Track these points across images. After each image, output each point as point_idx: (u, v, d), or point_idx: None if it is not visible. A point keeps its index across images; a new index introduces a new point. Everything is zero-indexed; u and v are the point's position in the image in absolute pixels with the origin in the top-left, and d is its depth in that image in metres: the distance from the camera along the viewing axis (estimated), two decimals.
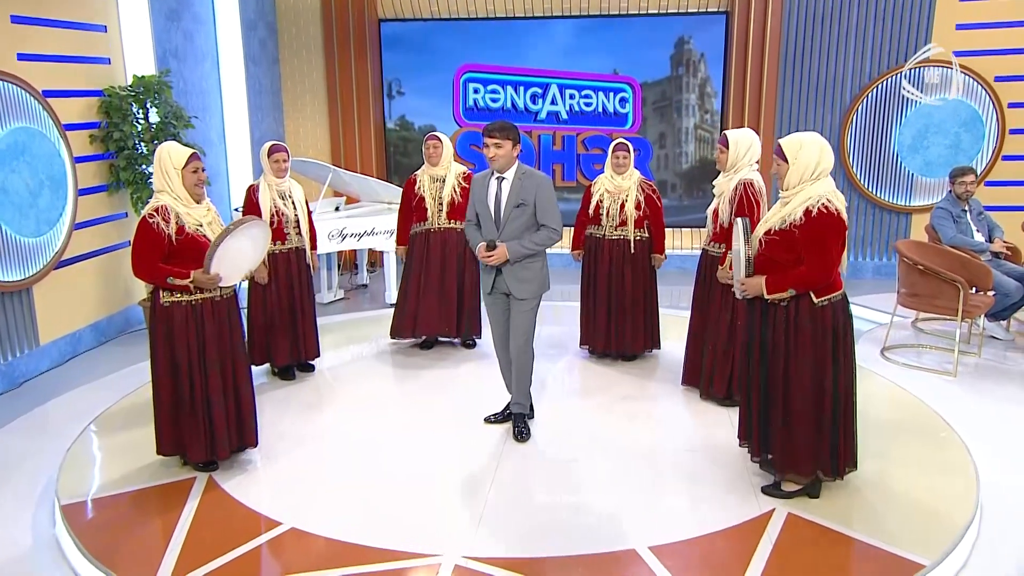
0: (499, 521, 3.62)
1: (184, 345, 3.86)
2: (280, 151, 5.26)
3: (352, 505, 3.81)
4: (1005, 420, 4.84)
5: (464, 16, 9.12)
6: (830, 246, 3.43)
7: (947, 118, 8.29)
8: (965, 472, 4.04)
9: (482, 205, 4.40)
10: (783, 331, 3.55)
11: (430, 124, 9.39)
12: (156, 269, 3.79)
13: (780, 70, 8.48)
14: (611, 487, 3.95)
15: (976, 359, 5.88)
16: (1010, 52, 8.10)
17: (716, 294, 4.78)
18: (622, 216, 5.50)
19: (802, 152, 3.45)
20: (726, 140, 4.69)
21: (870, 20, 8.25)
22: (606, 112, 9.15)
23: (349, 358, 6.07)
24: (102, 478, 4.12)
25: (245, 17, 8.27)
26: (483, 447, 4.41)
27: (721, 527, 3.53)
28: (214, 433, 3.98)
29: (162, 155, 3.84)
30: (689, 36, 8.87)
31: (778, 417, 3.62)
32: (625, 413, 4.90)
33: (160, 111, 6.63)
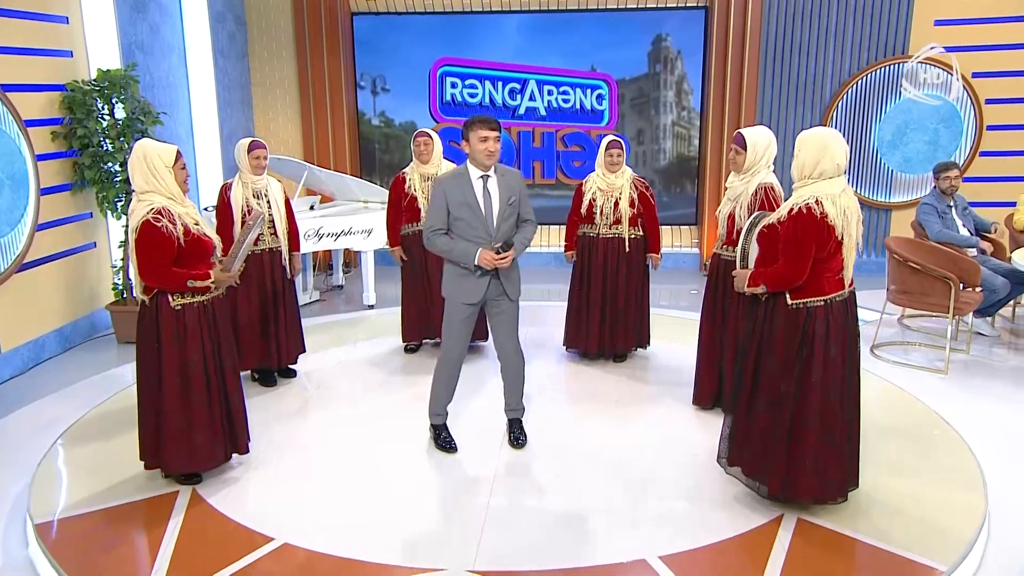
0: (502, 532, 3.50)
1: (199, 347, 3.73)
2: (260, 147, 5.08)
3: (346, 517, 3.66)
4: (1002, 418, 4.83)
5: (439, 10, 8.97)
6: (804, 247, 3.28)
7: (926, 114, 8.34)
8: (970, 472, 4.01)
9: (463, 208, 4.00)
10: (760, 328, 3.50)
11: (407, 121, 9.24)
12: (171, 274, 3.63)
13: (760, 66, 8.46)
14: (613, 495, 3.83)
15: (965, 356, 5.89)
16: (988, 48, 8.18)
17: (733, 301, 4.56)
18: (616, 214, 5.40)
19: (804, 147, 3.35)
20: (743, 140, 4.38)
21: (849, 16, 8.27)
22: (583, 109, 9.08)
23: (331, 362, 5.89)
24: (77, 494, 3.90)
25: (213, 9, 8.04)
26: (478, 455, 4.28)
27: (731, 534, 3.44)
28: (235, 430, 3.93)
29: (147, 153, 3.65)
30: (667, 33, 8.83)
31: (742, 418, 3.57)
32: (620, 417, 4.81)
33: (127, 107, 6.39)
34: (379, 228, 7.43)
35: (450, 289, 4.16)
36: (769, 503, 3.66)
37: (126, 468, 4.04)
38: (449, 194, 4.01)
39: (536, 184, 9.31)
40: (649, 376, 5.52)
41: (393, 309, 7.44)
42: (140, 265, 3.63)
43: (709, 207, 8.95)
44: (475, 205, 4.01)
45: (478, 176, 4.03)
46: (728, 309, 4.65)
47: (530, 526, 3.55)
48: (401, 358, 5.97)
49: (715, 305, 4.74)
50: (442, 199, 4.01)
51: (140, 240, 3.59)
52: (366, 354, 6.10)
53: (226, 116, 8.33)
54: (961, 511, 3.63)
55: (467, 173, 4.04)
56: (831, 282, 3.37)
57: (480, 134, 3.92)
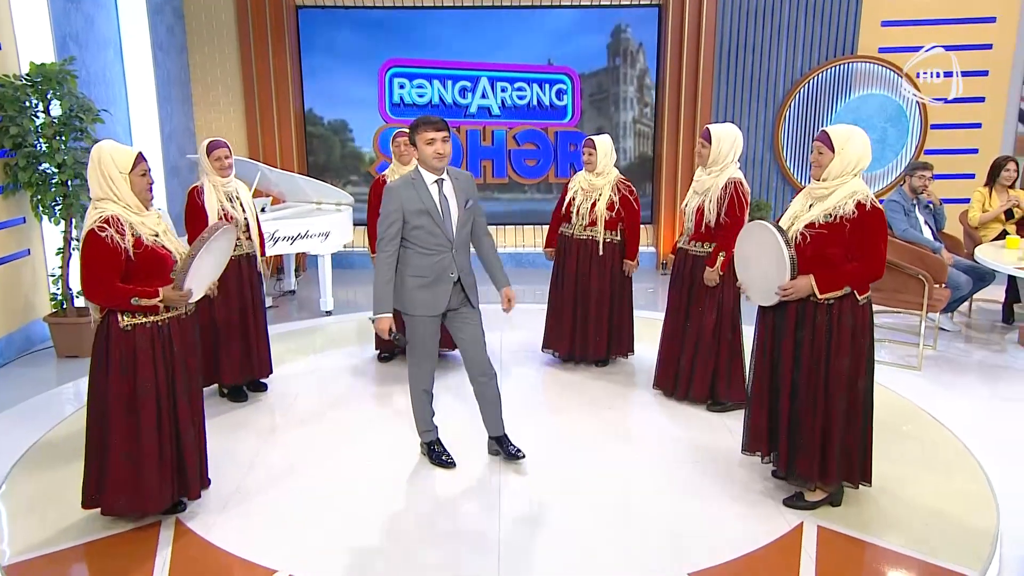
0: (521, 556, 3.29)
1: (151, 373, 3.31)
2: (220, 147, 4.72)
3: (348, 544, 3.40)
4: (985, 412, 4.91)
5: (388, 5, 8.68)
6: (881, 242, 3.36)
7: (874, 113, 8.50)
8: (971, 469, 4.03)
9: (422, 216, 3.72)
10: (824, 331, 3.39)
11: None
12: (115, 289, 3.22)
13: (716, 64, 8.48)
14: (625, 509, 3.68)
15: (933, 352, 5.98)
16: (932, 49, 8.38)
17: (700, 294, 4.62)
18: (592, 215, 5.26)
19: (849, 144, 3.31)
20: (708, 135, 4.50)
21: (801, 15, 8.35)
22: (542, 105, 8.91)
23: (299, 374, 5.57)
24: (47, 530, 3.51)
25: (151, 1, 7.56)
26: (473, 474, 4.05)
27: (755, 546, 3.33)
28: (185, 472, 3.47)
29: (102, 157, 3.26)
30: (626, 24, 8.71)
31: (814, 423, 3.45)
32: (613, 426, 4.67)
33: (64, 104, 5.92)
34: (336, 231, 7.15)
35: (409, 302, 3.86)
36: (787, 510, 3.58)
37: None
38: (405, 202, 3.73)
39: (487, 184, 9.10)
40: (630, 379, 5.40)
41: (352, 315, 7.18)
42: (82, 278, 3.23)
43: (665, 206, 8.94)
44: (434, 212, 3.75)
45: (432, 181, 3.77)
46: (693, 303, 4.68)
47: (547, 549, 3.36)
48: (374, 367, 5.71)
49: (680, 301, 4.76)
50: (397, 208, 3.72)
51: (83, 250, 3.21)
52: (336, 364, 5.81)
53: (166, 114, 7.87)
54: (972, 509, 3.62)
55: (420, 178, 3.77)
56: None
57: (426, 136, 3.67)
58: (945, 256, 6.12)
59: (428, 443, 4.15)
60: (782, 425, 3.58)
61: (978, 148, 8.64)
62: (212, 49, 8.51)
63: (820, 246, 3.37)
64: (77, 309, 6.26)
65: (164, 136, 7.76)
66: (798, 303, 3.44)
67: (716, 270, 4.51)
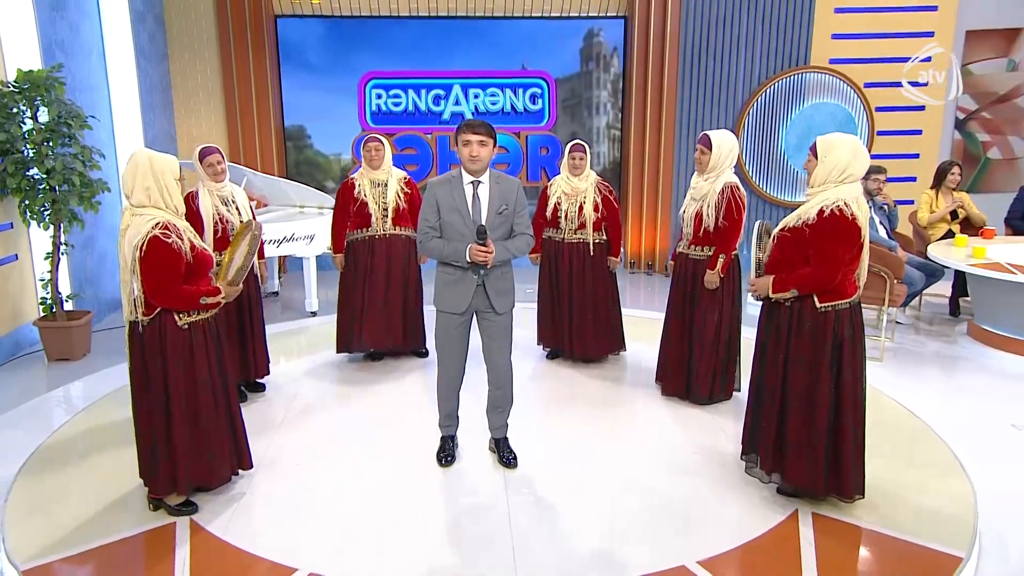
0: (535, 553, 3.22)
1: (206, 365, 3.39)
2: (212, 153, 4.59)
3: (362, 541, 3.30)
4: (947, 400, 4.99)
5: (365, 14, 8.54)
6: (837, 249, 3.22)
7: (826, 120, 8.63)
8: (944, 456, 4.09)
9: (453, 213, 3.68)
10: (784, 332, 3.38)
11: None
12: (184, 292, 3.26)
13: (679, 73, 8.51)
14: (629, 502, 3.63)
15: (892, 344, 6.08)
16: (877, 61, 8.54)
17: (702, 298, 4.55)
18: (580, 219, 5.22)
19: (832, 152, 3.28)
20: (708, 141, 4.40)
21: (758, 28, 8.43)
22: (515, 110, 8.84)
23: (293, 374, 5.44)
24: (60, 533, 3.35)
25: (134, 8, 7.31)
26: (477, 473, 3.95)
27: (757, 534, 3.32)
28: (239, 446, 3.64)
29: (154, 165, 3.21)
30: (599, 28, 8.67)
31: (775, 422, 3.45)
32: (611, 423, 4.61)
33: (53, 110, 5.68)
34: (321, 234, 7.01)
35: (438, 299, 3.85)
36: (782, 499, 3.59)
37: (104, 501, 3.57)
38: (440, 198, 3.72)
39: None
40: (625, 376, 5.37)
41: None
42: (148, 284, 3.19)
43: (631, 210, 8.95)
44: (464, 211, 3.70)
45: (469, 181, 3.72)
46: (696, 306, 4.61)
47: (559, 545, 3.29)
48: (367, 366, 5.59)
49: (683, 303, 4.70)
50: (433, 203, 3.72)
51: (148, 258, 3.15)
52: (329, 363, 5.68)
53: (149, 120, 7.62)
54: (950, 492, 3.67)
55: (459, 178, 3.73)
56: (852, 285, 3.32)
57: (463, 138, 3.63)
58: (900, 254, 6.22)
59: (442, 437, 4.10)
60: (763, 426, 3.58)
61: (919, 153, 8.84)
62: (193, 56, 8.27)
63: (784, 249, 3.38)
64: (67, 313, 6.03)
65: (147, 141, 7.50)
66: (769, 303, 3.48)
67: (716, 273, 4.44)
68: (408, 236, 5.37)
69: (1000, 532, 3.42)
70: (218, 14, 8.17)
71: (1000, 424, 4.60)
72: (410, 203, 5.37)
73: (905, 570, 3.09)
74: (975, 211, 6.97)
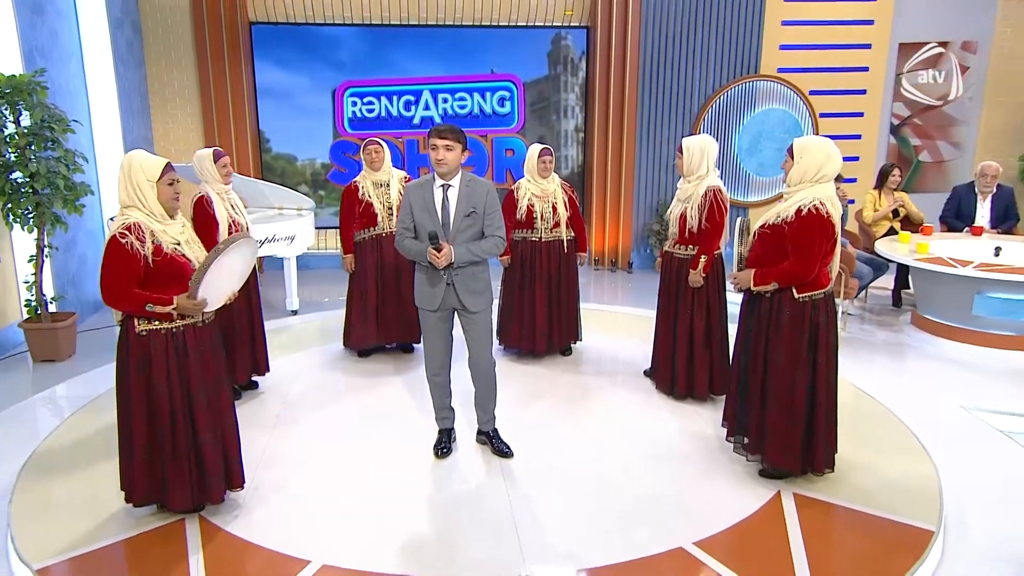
0: (540, 539, 3.23)
1: (164, 379, 3.11)
2: (224, 155, 4.50)
3: (373, 533, 3.27)
4: (901, 384, 5.13)
5: (339, 23, 8.41)
6: (815, 245, 3.32)
7: (775, 125, 8.80)
8: (906, 435, 4.22)
9: (424, 215, 3.69)
10: (765, 322, 3.47)
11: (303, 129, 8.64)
12: (131, 295, 3.03)
13: (639, 81, 8.58)
14: (622, 490, 3.64)
15: (845, 334, 6.23)
16: (821, 70, 8.75)
17: (686, 295, 4.56)
18: (555, 218, 5.23)
19: (807, 154, 3.36)
20: (681, 148, 4.46)
21: (712, 40, 8.56)
22: (484, 113, 8.80)
23: (284, 371, 5.31)
24: (70, 533, 3.24)
25: (112, 15, 7.08)
26: (474, 464, 3.93)
27: (745, 515, 3.38)
28: (205, 476, 3.26)
29: (132, 166, 3.07)
30: (566, 32, 8.66)
31: (756, 407, 3.54)
32: (593, 413, 4.62)
33: (36, 114, 5.47)
34: (301, 235, 6.89)
35: (417, 295, 3.88)
36: (764, 481, 3.66)
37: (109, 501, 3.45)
38: (412, 201, 3.74)
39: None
40: (594, 368, 5.41)
41: (318, 315, 6.95)
42: (101, 282, 3.04)
43: (596, 211, 8.99)
44: (432, 212, 3.70)
45: (439, 184, 3.71)
46: (680, 303, 4.63)
47: (561, 532, 3.29)
48: (355, 363, 5.52)
49: (669, 302, 4.70)
50: (408, 205, 3.76)
51: (104, 256, 3.03)
52: (317, 360, 5.59)
53: (128, 125, 7.39)
54: (916, 470, 3.79)
55: (431, 181, 3.74)
56: (826, 276, 3.43)
57: (431, 143, 3.64)
58: (850, 249, 6.39)
59: (439, 429, 4.07)
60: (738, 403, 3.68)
61: (859, 156, 9.08)
62: (169, 63, 8.04)
63: (764, 245, 3.47)
64: (52, 315, 5.82)
65: (127, 146, 7.28)
66: (750, 295, 3.56)
67: (699, 272, 4.46)
68: None
69: (961, 507, 3.54)
70: (194, 21, 7.96)
71: (950, 406, 4.75)
72: None
73: (883, 545, 3.18)
74: (914, 210, 7.19)
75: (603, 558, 3.07)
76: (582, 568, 3.01)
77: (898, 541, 3.18)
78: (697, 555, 3.08)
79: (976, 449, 4.17)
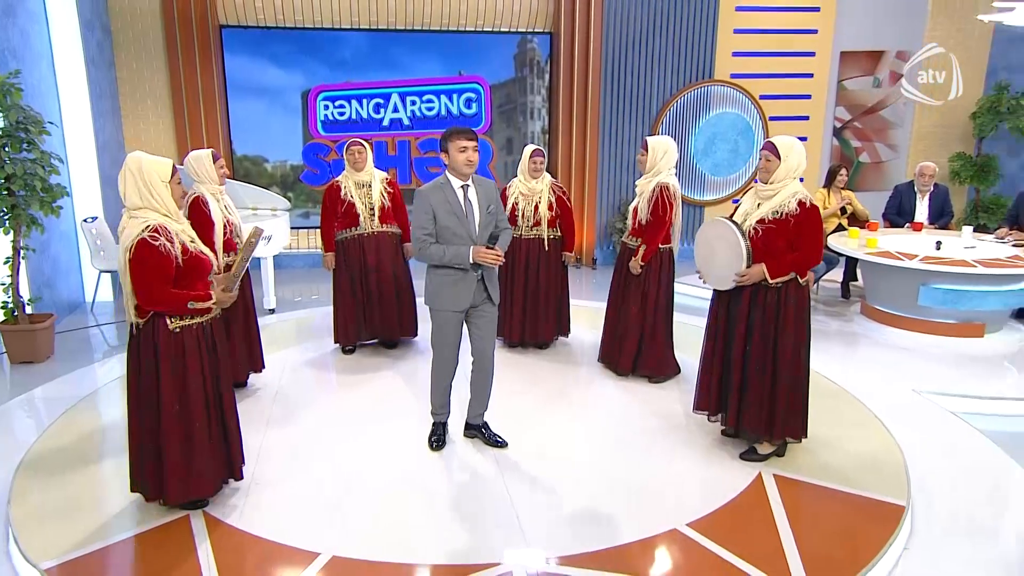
0: (538, 525, 3.24)
1: (199, 371, 3.11)
2: (220, 157, 4.41)
3: (377, 523, 3.24)
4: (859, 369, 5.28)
5: (309, 26, 8.27)
6: (819, 234, 3.57)
7: (728, 128, 8.98)
8: (869, 418, 4.36)
9: (450, 217, 3.62)
10: (773, 310, 3.56)
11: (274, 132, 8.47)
12: (171, 295, 3.00)
13: (601, 85, 8.65)
14: (611, 476, 3.68)
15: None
16: (770, 76, 8.95)
17: (631, 284, 4.78)
18: (536, 217, 5.26)
19: (792, 152, 3.49)
20: (646, 145, 4.64)
21: (669, 46, 8.67)
22: (451, 115, 8.75)
23: (272, 368, 5.17)
24: (75, 532, 3.12)
25: (82, 16, 6.82)
26: (468, 455, 3.92)
27: (730, 496, 3.45)
28: (231, 458, 3.32)
29: (143, 168, 2.99)
30: (532, 37, 8.66)
31: (763, 388, 3.62)
32: (576, 402, 4.67)
33: (12, 115, 5.25)
34: (278, 235, 6.77)
35: (437, 299, 3.75)
36: (746, 463, 3.74)
37: (109, 498, 3.38)
38: (434, 204, 3.64)
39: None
40: (573, 359, 5.45)
41: (294, 313, 6.84)
42: (137, 286, 2.97)
43: None
44: (460, 214, 3.66)
45: (459, 185, 3.68)
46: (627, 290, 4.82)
47: (557, 517, 3.31)
48: (340, 359, 5.45)
49: (617, 286, 4.92)
50: (428, 209, 3.63)
51: (136, 260, 2.94)
52: (302, 357, 5.50)
53: (100, 126, 7.14)
54: (883, 451, 3.92)
55: (449, 183, 3.68)
56: None
57: (459, 144, 3.59)
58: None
59: (434, 423, 4.03)
60: (733, 390, 3.74)
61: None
62: (140, 65, 7.79)
63: (769, 239, 3.55)
64: (29, 316, 5.61)
65: (99, 147, 7.04)
66: (751, 287, 3.61)
67: (637, 261, 4.67)
68: (394, 232, 5.34)
69: (924, 482, 3.68)
70: (165, 24, 7.73)
71: (902, 390, 4.93)
72: (393, 201, 5.31)
73: (860, 519, 3.28)
74: (860, 207, 7.41)
75: (605, 541, 3.10)
76: (587, 551, 3.03)
77: (873, 515, 3.29)
78: (692, 536, 3.13)
79: (930, 429, 4.34)
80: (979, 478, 3.79)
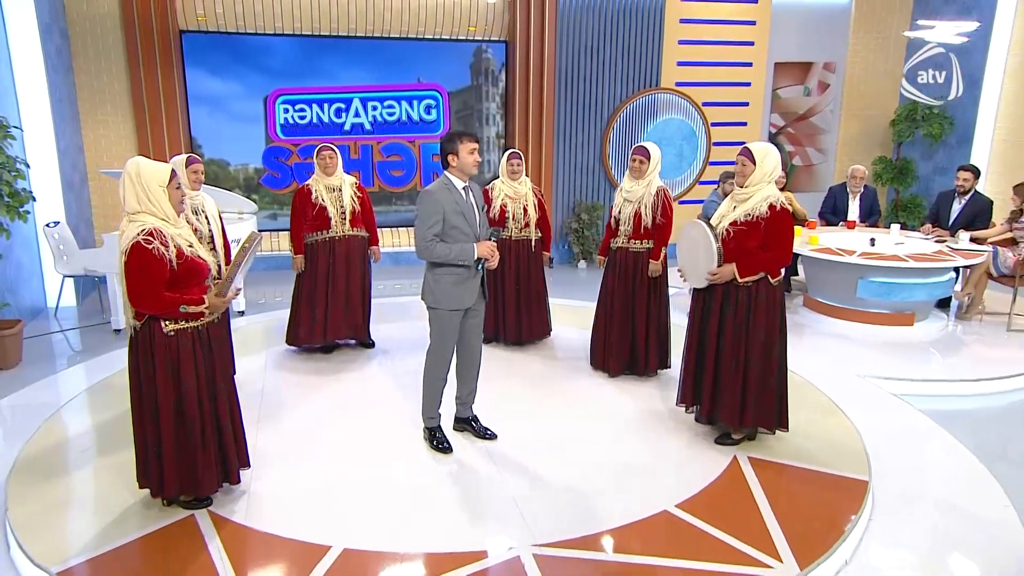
0: (537, 510, 3.30)
1: (193, 375, 3.04)
2: (197, 162, 4.29)
3: (383, 515, 3.25)
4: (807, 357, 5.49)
5: (268, 32, 8.10)
6: (790, 235, 3.66)
7: (674, 133, 9.20)
8: (825, 402, 4.57)
9: (458, 217, 3.63)
10: (744, 308, 3.67)
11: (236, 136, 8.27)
12: (164, 299, 2.92)
13: (556, 91, 8.74)
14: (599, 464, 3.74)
15: None
16: (712, 84, 9.20)
17: (643, 283, 4.78)
18: (526, 219, 5.34)
19: (768, 157, 3.60)
20: (647, 152, 4.65)
21: (619, 56, 8.83)
22: (411, 120, 8.70)
23: (250, 369, 5.09)
24: (80, 535, 3.03)
25: (41, 20, 6.52)
26: (463, 447, 3.94)
27: (711, 478, 3.58)
28: (226, 461, 3.24)
29: (141, 172, 2.93)
30: (487, 46, 8.70)
31: (734, 381, 3.73)
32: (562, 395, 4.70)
33: None
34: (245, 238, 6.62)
35: (444, 299, 3.73)
36: (722, 447, 3.88)
37: (111, 500, 3.29)
38: (444, 205, 3.62)
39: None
40: (557, 355, 5.50)
41: (263, 316, 6.71)
42: (130, 289, 2.91)
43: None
44: (468, 213, 3.69)
45: (462, 186, 3.69)
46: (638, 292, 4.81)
47: (554, 502, 3.37)
48: (313, 360, 5.36)
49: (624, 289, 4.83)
50: (438, 210, 3.61)
51: (130, 263, 2.90)
52: (281, 358, 5.40)
53: (61, 131, 6.84)
54: (841, 430, 4.13)
55: (453, 185, 3.67)
56: None
57: (470, 146, 3.62)
58: None
59: (431, 428, 3.98)
60: (706, 382, 3.86)
61: None
62: (99, 69, 7.49)
63: (741, 240, 3.67)
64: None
65: (60, 152, 6.75)
66: (724, 285, 3.73)
67: (659, 263, 4.74)
68: (363, 236, 5.29)
69: (878, 457, 3.89)
70: (125, 29, 7.45)
71: (848, 375, 5.17)
72: (362, 205, 5.26)
73: (831, 495, 3.46)
74: (799, 207, 7.68)
75: (602, 524, 3.19)
76: (588, 534, 3.10)
77: (842, 490, 3.48)
78: (681, 516, 3.24)
79: (877, 409, 4.58)
80: (925, 452, 4.03)
